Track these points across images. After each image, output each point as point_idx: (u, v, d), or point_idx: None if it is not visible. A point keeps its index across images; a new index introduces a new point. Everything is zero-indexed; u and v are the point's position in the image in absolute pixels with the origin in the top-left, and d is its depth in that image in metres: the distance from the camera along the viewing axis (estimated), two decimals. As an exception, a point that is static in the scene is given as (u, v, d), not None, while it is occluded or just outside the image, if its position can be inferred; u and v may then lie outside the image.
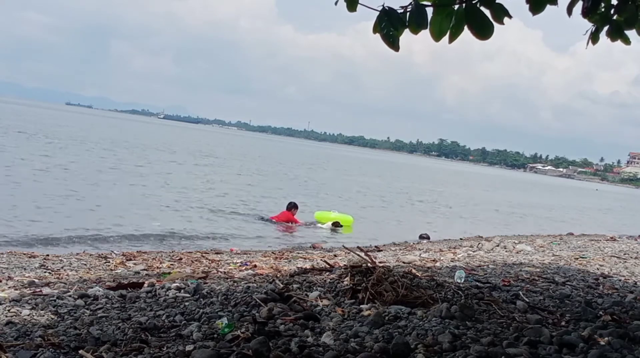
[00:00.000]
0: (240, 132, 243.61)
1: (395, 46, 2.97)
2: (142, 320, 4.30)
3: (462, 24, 2.88)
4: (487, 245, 12.22)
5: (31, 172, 18.65)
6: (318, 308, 4.77)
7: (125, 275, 6.86)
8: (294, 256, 9.67)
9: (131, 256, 8.49)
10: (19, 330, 4.01)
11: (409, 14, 2.93)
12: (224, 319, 4.27)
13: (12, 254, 7.94)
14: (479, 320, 4.63)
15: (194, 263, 8.14)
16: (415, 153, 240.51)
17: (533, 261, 9.65)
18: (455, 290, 5.53)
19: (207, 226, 13.20)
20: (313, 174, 38.52)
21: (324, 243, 12.33)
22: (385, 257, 9.69)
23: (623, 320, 5.02)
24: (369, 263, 5.61)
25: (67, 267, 7.28)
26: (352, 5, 2.97)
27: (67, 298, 4.94)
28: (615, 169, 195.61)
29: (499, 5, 2.88)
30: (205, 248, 10.30)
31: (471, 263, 9.09)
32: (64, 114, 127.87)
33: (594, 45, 3.70)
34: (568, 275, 8.00)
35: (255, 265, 8.10)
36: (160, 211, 14.49)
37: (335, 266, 6.92)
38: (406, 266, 7.54)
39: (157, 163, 30.17)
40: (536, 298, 5.89)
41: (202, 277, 6.30)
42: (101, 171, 21.72)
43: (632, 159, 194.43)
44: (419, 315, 4.57)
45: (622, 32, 3.64)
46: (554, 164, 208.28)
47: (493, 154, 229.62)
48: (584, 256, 11.01)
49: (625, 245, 14.80)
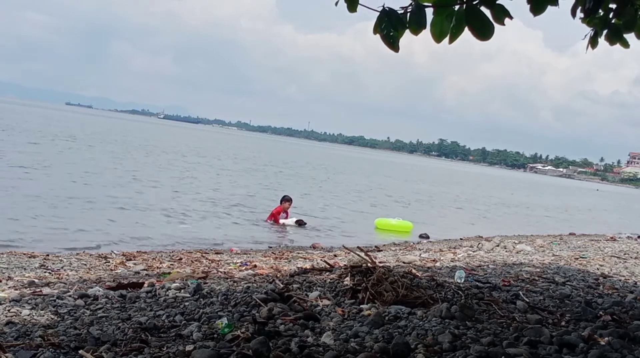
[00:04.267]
0: (240, 133, 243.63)
1: (396, 47, 2.97)
2: (142, 320, 4.31)
3: (463, 25, 2.88)
4: (487, 245, 12.23)
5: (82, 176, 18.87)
6: (318, 308, 4.77)
7: (125, 275, 6.86)
8: (294, 256, 9.66)
9: (131, 256, 8.48)
10: (19, 330, 4.02)
11: (409, 14, 2.93)
12: (224, 319, 4.27)
13: (12, 254, 7.93)
14: (479, 320, 4.63)
15: (194, 263, 8.13)
16: (416, 153, 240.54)
17: (533, 261, 9.65)
18: (455, 290, 5.54)
19: (219, 229, 13.23)
20: (371, 181, 38.06)
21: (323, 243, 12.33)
22: (385, 257, 9.69)
23: (623, 320, 5.03)
24: (369, 263, 5.61)
25: (67, 267, 7.28)
26: (352, 6, 2.97)
27: (67, 298, 4.95)
28: (615, 169, 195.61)
29: (500, 6, 2.88)
30: (205, 248, 10.30)
31: (471, 263, 9.09)
32: (65, 114, 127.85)
33: (593, 49, 3.71)
34: (568, 275, 8.01)
35: (255, 265, 8.10)
36: (174, 211, 14.54)
37: (335, 266, 6.92)
38: (406, 266, 7.54)
39: (188, 165, 30.35)
40: (536, 298, 5.89)
41: (202, 277, 6.30)
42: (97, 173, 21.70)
43: (632, 159, 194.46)
44: (419, 315, 4.57)
45: (621, 36, 3.65)
46: (554, 164, 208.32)
47: (493, 154, 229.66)
48: (584, 256, 11.01)
49: (625, 245, 14.81)
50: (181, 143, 61.27)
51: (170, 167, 28.64)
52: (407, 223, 15.93)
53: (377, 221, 16.18)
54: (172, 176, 23.76)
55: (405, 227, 15.68)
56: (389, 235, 14.94)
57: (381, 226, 15.84)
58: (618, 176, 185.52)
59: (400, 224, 15.75)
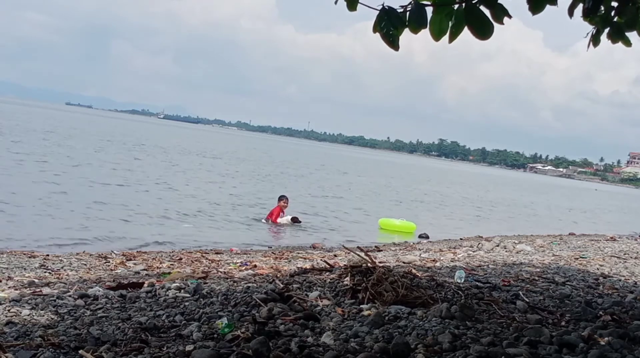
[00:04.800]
0: (240, 133, 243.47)
1: (395, 46, 2.97)
2: (142, 320, 4.30)
3: (462, 24, 2.88)
4: (487, 245, 12.23)
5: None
6: (318, 308, 4.77)
7: (125, 275, 6.86)
8: (294, 256, 9.66)
9: (131, 256, 8.48)
10: (19, 330, 4.02)
11: (408, 13, 2.93)
12: (224, 319, 4.27)
13: (12, 254, 7.94)
14: (479, 320, 4.63)
15: (194, 263, 8.13)
16: (415, 153, 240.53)
17: (533, 261, 9.65)
18: (455, 290, 5.54)
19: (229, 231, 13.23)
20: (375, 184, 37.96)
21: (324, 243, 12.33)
22: (385, 257, 9.69)
23: (623, 320, 5.02)
24: (369, 263, 5.61)
25: (67, 267, 7.28)
26: (352, 5, 2.97)
27: (67, 298, 4.95)
28: (615, 169, 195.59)
29: (499, 5, 2.88)
30: (206, 248, 10.30)
31: (471, 263, 9.09)
32: (66, 114, 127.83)
33: (595, 47, 3.70)
34: (568, 275, 8.00)
35: (255, 265, 8.10)
36: (174, 211, 14.54)
37: (335, 266, 6.92)
38: (406, 266, 7.54)
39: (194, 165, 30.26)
40: (536, 298, 5.89)
41: (202, 277, 6.30)
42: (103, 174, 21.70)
43: (632, 159, 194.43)
44: (419, 315, 4.57)
45: (623, 34, 3.64)
46: (554, 164, 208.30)
47: (493, 154, 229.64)
48: (584, 256, 11.01)
49: (625, 245, 14.81)
50: (184, 142, 61.32)
51: (170, 167, 28.65)
52: (411, 224, 15.99)
53: (381, 221, 16.26)
54: (172, 177, 23.76)
55: (409, 228, 15.73)
56: (392, 235, 15.00)
57: (385, 227, 15.92)
58: (618, 176, 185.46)
59: (404, 225, 15.81)
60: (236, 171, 31.92)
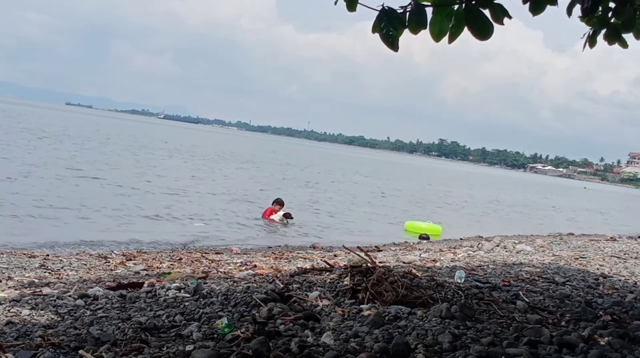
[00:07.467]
0: (240, 133, 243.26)
1: (395, 46, 2.97)
2: (142, 320, 4.31)
3: (462, 24, 2.88)
4: (487, 245, 12.23)
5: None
6: (318, 308, 4.77)
7: (125, 275, 6.86)
8: (294, 256, 9.66)
9: (131, 256, 8.49)
10: (19, 330, 4.02)
11: (408, 13, 2.93)
12: (224, 319, 4.27)
13: (12, 254, 7.94)
14: (479, 320, 4.63)
15: (194, 263, 8.13)
16: (415, 153, 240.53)
17: (533, 261, 9.65)
18: (455, 290, 5.54)
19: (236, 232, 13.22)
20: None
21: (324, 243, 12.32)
22: (385, 257, 9.69)
23: (623, 320, 5.02)
24: (369, 263, 5.61)
25: (67, 267, 7.28)
26: (351, 5, 2.97)
27: (67, 298, 4.95)
28: (615, 169, 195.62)
29: (499, 6, 2.88)
30: (205, 248, 10.30)
31: (471, 263, 9.09)
32: (66, 114, 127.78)
33: (591, 48, 3.70)
34: (568, 275, 8.01)
35: (255, 265, 8.10)
36: (174, 211, 14.54)
37: (335, 266, 6.93)
38: (406, 266, 7.54)
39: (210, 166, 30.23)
40: (536, 298, 5.89)
41: (202, 277, 6.30)
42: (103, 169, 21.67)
43: (632, 159, 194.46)
44: (419, 315, 4.57)
45: (620, 35, 3.64)
46: (554, 164, 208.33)
47: (493, 154, 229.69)
48: (584, 256, 11.01)
49: (625, 245, 14.81)
50: (188, 143, 61.23)
51: (171, 167, 28.62)
52: (437, 227, 16.05)
53: (407, 224, 16.39)
54: (173, 176, 23.74)
55: (435, 230, 15.78)
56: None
57: (411, 229, 15.96)
58: (618, 176, 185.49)
59: (430, 227, 15.85)
60: (283, 179, 30.94)
